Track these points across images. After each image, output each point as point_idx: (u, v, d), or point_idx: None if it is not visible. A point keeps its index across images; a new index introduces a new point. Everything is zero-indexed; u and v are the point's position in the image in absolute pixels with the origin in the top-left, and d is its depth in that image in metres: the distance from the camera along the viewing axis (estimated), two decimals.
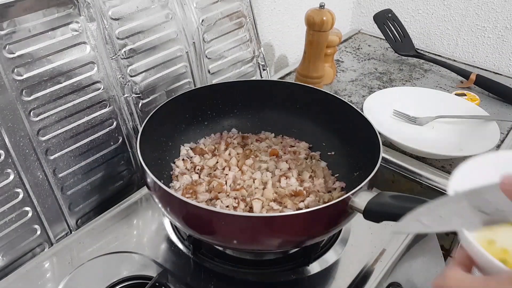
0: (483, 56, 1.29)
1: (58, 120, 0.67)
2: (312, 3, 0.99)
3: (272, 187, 0.69)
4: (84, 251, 0.67)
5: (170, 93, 0.81)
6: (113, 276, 0.62)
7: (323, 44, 1.00)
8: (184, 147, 0.78)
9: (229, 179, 0.71)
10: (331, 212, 0.56)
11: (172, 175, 0.73)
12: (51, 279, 0.63)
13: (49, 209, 0.67)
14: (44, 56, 0.64)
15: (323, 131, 0.79)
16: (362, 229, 0.71)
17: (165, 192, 0.57)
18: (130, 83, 0.75)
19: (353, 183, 0.69)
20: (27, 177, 0.64)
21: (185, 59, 0.83)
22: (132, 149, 0.77)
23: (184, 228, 0.60)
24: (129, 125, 0.76)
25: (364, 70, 1.20)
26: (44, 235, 0.68)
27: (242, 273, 0.64)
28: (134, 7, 0.74)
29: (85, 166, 0.71)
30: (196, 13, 0.83)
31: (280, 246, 0.59)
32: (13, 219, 0.64)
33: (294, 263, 0.66)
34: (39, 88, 0.64)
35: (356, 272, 0.65)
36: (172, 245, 0.68)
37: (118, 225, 0.72)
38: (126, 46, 0.74)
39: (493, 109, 1.03)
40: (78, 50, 0.68)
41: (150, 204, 0.76)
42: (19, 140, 0.63)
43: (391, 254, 0.68)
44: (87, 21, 0.68)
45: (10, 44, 0.60)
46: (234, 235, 0.57)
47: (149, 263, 0.65)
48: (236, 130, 0.83)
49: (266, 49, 1.12)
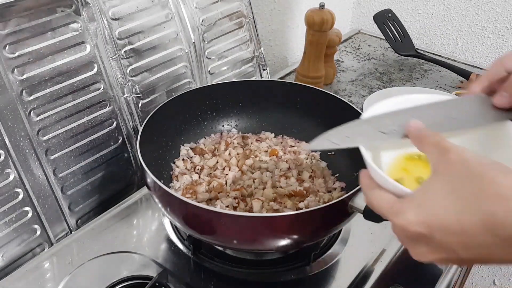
0: (483, 56, 1.29)
1: (58, 120, 0.67)
2: (312, 3, 0.99)
3: (272, 187, 0.69)
4: (84, 251, 0.67)
5: (170, 93, 0.81)
6: (113, 276, 0.62)
7: (323, 44, 1.00)
8: (184, 147, 0.78)
9: (229, 179, 0.71)
10: (331, 212, 0.56)
11: (172, 175, 0.73)
12: (51, 279, 0.63)
13: (49, 209, 0.67)
14: (44, 56, 0.64)
15: (323, 131, 0.79)
16: (362, 229, 0.71)
17: (165, 192, 0.57)
18: (130, 83, 0.75)
19: (353, 183, 0.69)
20: (27, 177, 0.64)
21: (185, 59, 0.83)
22: (132, 149, 0.77)
23: (184, 228, 0.60)
24: (129, 125, 0.76)
25: (364, 70, 1.20)
26: (44, 235, 0.68)
27: (242, 273, 0.64)
28: (134, 7, 0.74)
29: (85, 166, 0.71)
30: (196, 13, 0.83)
31: (280, 246, 0.59)
32: (13, 219, 0.64)
33: (294, 263, 0.66)
34: (39, 88, 0.64)
35: (356, 272, 0.65)
36: (172, 245, 0.68)
37: (118, 225, 0.72)
38: (126, 46, 0.74)
39: None
40: (78, 50, 0.68)
41: (150, 204, 0.76)
42: (19, 140, 0.63)
43: (391, 254, 0.68)
44: (87, 21, 0.68)
45: (10, 44, 0.60)
46: (234, 235, 0.57)
47: (149, 263, 0.65)
48: (236, 130, 0.83)
49: (266, 49, 1.12)
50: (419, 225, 0.35)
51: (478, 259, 0.35)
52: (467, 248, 0.34)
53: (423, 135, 0.39)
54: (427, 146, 0.38)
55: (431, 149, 0.37)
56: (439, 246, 0.35)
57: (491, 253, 0.33)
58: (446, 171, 0.35)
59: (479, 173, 0.33)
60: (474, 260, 0.35)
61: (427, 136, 0.38)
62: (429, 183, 0.36)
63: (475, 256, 0.34)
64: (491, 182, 0.33)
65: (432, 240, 0.35)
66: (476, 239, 0.33)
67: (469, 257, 0.34)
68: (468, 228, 0.33)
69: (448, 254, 0.35)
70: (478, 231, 0.33)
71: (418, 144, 0.39)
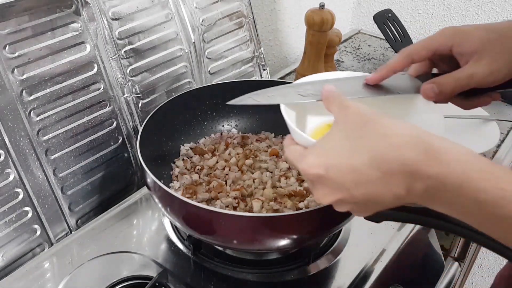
0: None
1: (58, 120, 0.67)
2: (312, 3, 0.99)
3: (272, 187, 0.69)
4: (84, 251, 0.67)
5: (170, 93, 0.81)
6: (113, 276, 0.62)
7: (323, 44, 1.00)
8: (184, 147, 0.78)
9: (229, 179, 0.71)
10: (331, 212, 0.56)
11: (172, 175, 0.73)
12: (51, 279, 0.63)
13: (49, 209, 0.67)
14: (44, 56, 0.64)
15: None
16: (362, 229, 0.71)
17: (165, 192, 0.57)
18: (130, 83, 0.75)
19: None
20: (27, 177, 0.64)
21: (185, 59, 0.83)
22: (132, 149, 0.77)
23: (184, 228, 0.60)
24: (129, 125, 0.76)
25: (364, 70, 1.20)
26: (44, 235, 0.68)
27: (242, 273, 0.64)
28: (134, 7, 0.74)
29: (85, 166, 0.71)
30: (196, 13, 0.83)
31: (280, 246, 0.59)
32: (13, 219, 0.64)
33: (294, 263, 0.66)
34: (39, 88, 0.64)
35: (356, 272, 0.65)
36: (172, 245, 0.68)
37: (118, 225, 0.72)
38: (126, 46, 0.74)
39: (493, 109, 1.03)
40: (78, 50, 0.68)
41: (150, 204, 0.76)
42: (19, 140, 0.63)
43: (391, 254, 0.68)
44: (87, 21, 0.68)
45: (10, 44, 0.60)
46: (234, 235, 0.57)
47: (149, 263, 0.65)
48: (236, 130, 0.83)
49: (266, 49, 1.12)
50: (317, 167, 0.40)
51: (369, 198, 0.39)
52: (357, 184, 0.38)
53: (331, 96, 0.43)
54: (332, 105, 0.43)
55: (335, 108, 0.42)
56: (335, 186, 0.40)
57: (378, 189, 0.38)
58: (343, 121, 0.40)
59: (370, 119, 0.39)
60: (366, 199, 0.39)
61: (334, 97, 0.43)
62: (329, 133, 0.41)
63: (366, 193, 0.38)
64: (378, 124, 0.38)
65: (329, 180, 0.40)
66: (365, 175, 0.38)
67: (361, 194, 0.39)
68: (358, 165, 0.38)
69: (343, 194, 0.39)
70: (365, 167, 0.37)
71: (326, 105, 0.44)
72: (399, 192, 0.37)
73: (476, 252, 1.02)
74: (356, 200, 0.39)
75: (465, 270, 1.00)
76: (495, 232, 0.36)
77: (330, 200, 0.41)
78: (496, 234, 0.36)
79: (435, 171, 0.35)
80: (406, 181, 0.36)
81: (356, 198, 0.39)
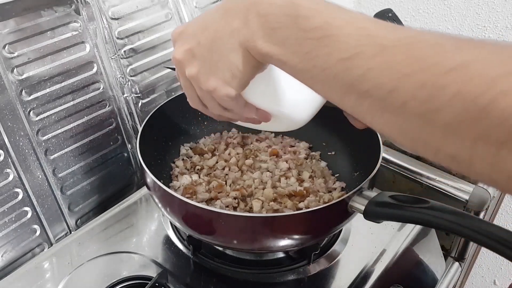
0: None
1: (57, 120, 0.67)
2: None
3: (272, 187, 0.69)
4: (84, 251, 0.67)
5: (170, 93, 0.81)
6: (113, 276, 0.62)
7: None
8: (184, 147, 0.78)
9: (229, 179, 0.71)
10: (331, 212, 0.56)
11: (172, 175, 0.73)
12: (51, 279, 0.63)
13: (49, 209, 0.67)
14: (44, 56, 0.64)
15: (323, 131, 0.79)
16: (362, 229, 0.71)
17: (165, 192, 0.56)
18: (130, 83, 0.75)
19: (353, 183, 0.69)
20: (26, 177, 0.64)
21: None
22: (132, 149, 0.77)
23: (184, 228, 0.60)
24: (129, 125, 0.76)
25: None
26: (44, 235, 0.67)
27: (242, 273, 0.64)
28: (134, 7, 0.74)
29: (84, 166, 0.71)
30: (196, 13, 0.83)
31: (280, 246, 0.59)
32: (13, 219, 0.64)
33: (294, 263, 0.66)
34: (38, 88, 0.64)
35: (356, 272, 0.65)
36: (172, 245, 0.68)
37: (118, 225, 0.72)
38: (125, 46, 0.74)
39: None
40: (77, 49, 0.67)
41: (150, 204, 0.76)
42: (19, 140, 0.63)
43: (391, 254, 0.68)
44: (86, 20, 0.68)
45: (10, 44, 0.60)
46: (234, 235, 0.57)
47: (149, 263, 0.65)
48: (236, 130, 0.83)
49: None
50: (181, 27, 0.44)
51: (212, 38, 0.40)
52: (204, 28, 0.41)
53: None
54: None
55: None
56: (187, 37, 0.42)
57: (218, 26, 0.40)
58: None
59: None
60: (210, 42, 0.41)
61: None
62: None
63: (209, 35, 0.41)
64: None
65: (185, 33, 0.43)
66: (210, 18, 0.41)
67: (205, 38, 0.41)
68: (208, 14, 0.42)
69: (192, 42, 0.42)
70: (212, 11, 0.41)
71: None
72: (236, 26, 0.39)
73: (476, 252, 1.02)
74: (202, 47, 0.41)
75: (465, 270, 1.00)
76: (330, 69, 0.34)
77: (181, 51, 0.43)
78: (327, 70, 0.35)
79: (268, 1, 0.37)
80: (243, 12, 0.38)
81: (202, 44, 0.41)
